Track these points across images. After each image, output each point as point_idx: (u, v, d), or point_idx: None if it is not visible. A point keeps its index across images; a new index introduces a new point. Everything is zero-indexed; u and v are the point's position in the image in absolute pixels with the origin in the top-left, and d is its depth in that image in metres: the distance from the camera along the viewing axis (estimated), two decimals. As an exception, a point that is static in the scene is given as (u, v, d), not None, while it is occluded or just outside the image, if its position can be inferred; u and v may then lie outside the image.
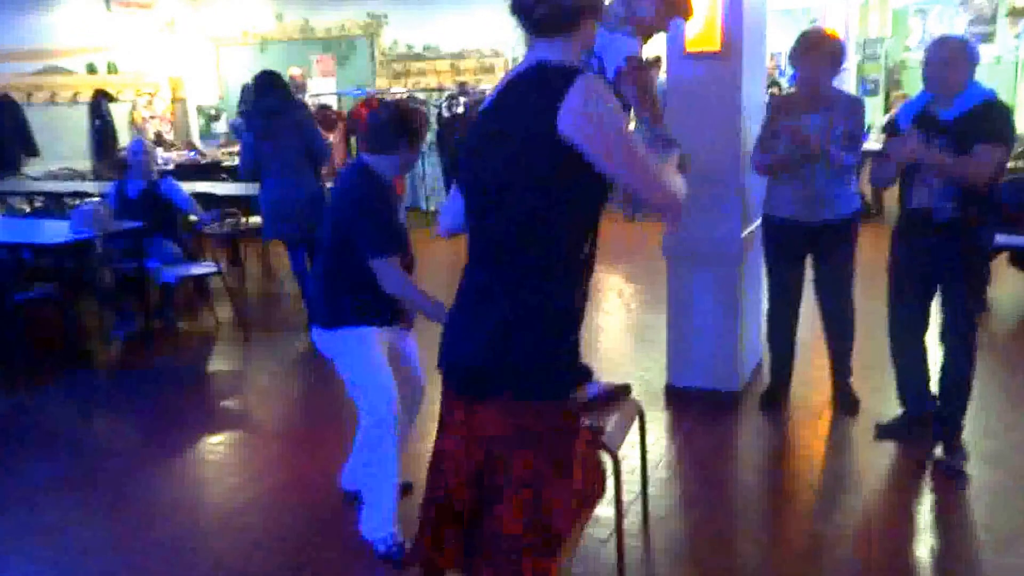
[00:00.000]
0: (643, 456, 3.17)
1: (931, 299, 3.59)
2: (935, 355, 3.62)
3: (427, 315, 3.04)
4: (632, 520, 3.15)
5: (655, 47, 2.92)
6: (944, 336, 3.49)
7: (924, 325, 3.65)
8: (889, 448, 3.70)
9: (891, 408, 3.85)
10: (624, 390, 3.05)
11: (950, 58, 3.29)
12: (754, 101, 4.20)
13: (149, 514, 3.46)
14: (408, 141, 3.08)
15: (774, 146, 3.78)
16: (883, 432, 3.81)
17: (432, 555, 2.10)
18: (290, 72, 10.07)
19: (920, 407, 3.74)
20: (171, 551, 3.17)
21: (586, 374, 3.01)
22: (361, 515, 3.18)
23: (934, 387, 3.66)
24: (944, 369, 3.51)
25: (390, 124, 3.06)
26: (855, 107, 3.79)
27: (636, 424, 3.04)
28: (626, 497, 3.24)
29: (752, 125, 4.06)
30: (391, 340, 3.21)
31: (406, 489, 3.42)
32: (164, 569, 3.06)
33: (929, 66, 3.34)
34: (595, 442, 2.70)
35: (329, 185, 5.70)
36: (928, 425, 3.73)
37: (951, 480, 3.40)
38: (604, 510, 3.21)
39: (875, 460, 3.63)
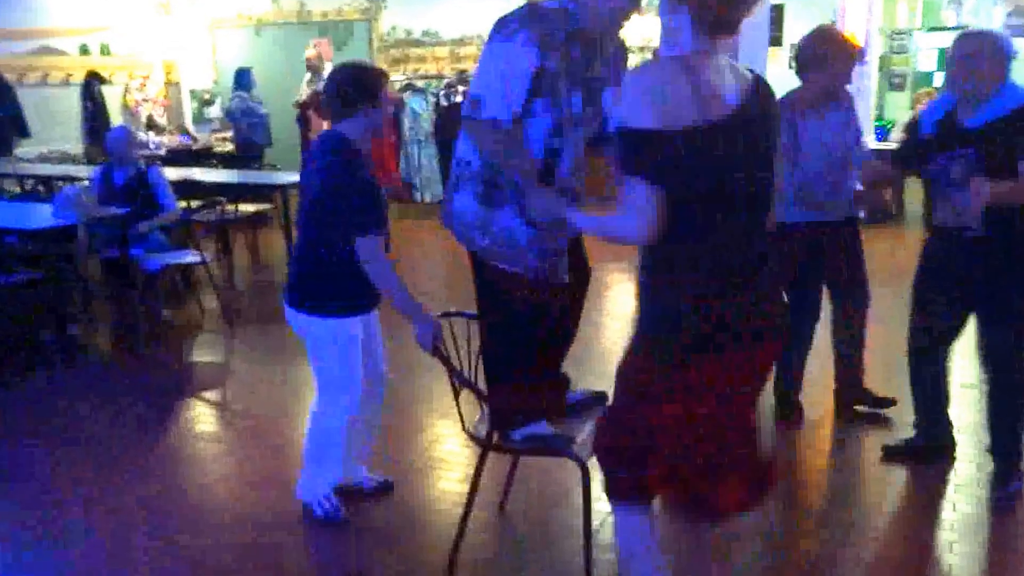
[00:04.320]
0: (620, 466, 3.07)
1: (960, 320, 3.30)
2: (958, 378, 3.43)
3: (399, 308, 2.92)
4: (609, 532, 3.06)
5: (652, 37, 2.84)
6: (985, 363, 3.26)
7: (948, 344, 3.39)
8: (895, 470, 3.52)
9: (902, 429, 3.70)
10: (600, 398, 2.95)
11: (973, 54, 2.91)
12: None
13: (126, 503, 3.41)
14: (365, 98, 2.90)
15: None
16: (891, 453, 3.58)
17: None
18: (306, 54, 9.77)
19: (934, 430, 3.52)
20: (152, 541, 3.13)
21: (564, 383, 2.94)
22: (300, 479, 3.26)
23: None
24: (988, 398, 3.29)
25: (343, 84, 2.92)
26: (853, 102, 3.71)
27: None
28: (605, 507, 3.15)
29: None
30: (365, 325, 3.15)
31: (385, 487, 3.42)
32: (146, 559, 3.03)
33: (950, 64, 2.99)
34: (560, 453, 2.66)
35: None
36: (943, 451, 3.52)
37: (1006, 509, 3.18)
38: (577, 520, 3.13)
39: (878, 480, 3.49)
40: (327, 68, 9.99)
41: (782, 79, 4.31)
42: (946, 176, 3.06)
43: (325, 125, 9.34)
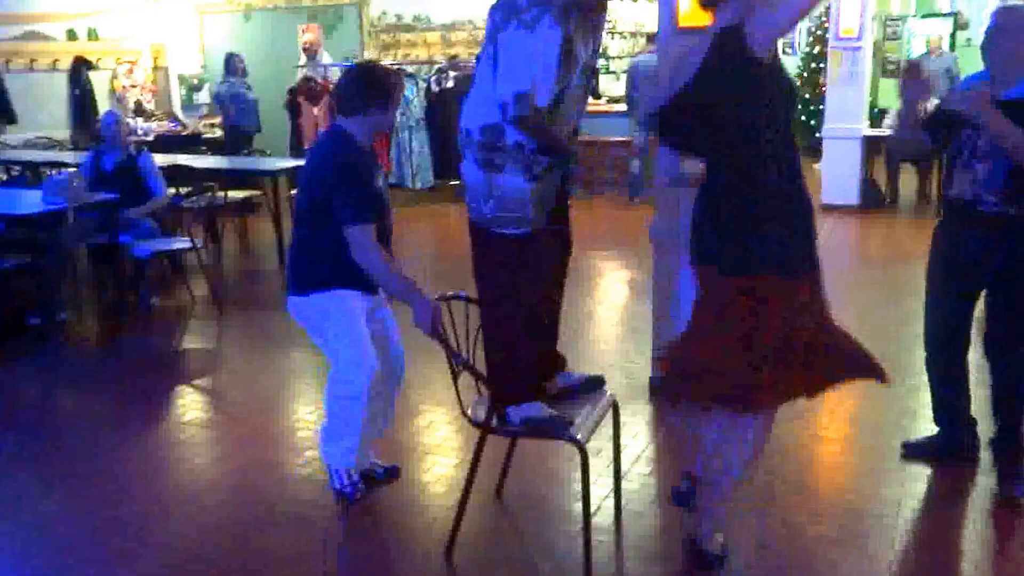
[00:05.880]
0: (616, 450, 3.06)
1: (974, 304, 3.15)
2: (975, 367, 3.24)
3: (395, 294, 2.96)
4: (607, 515, 3.05)
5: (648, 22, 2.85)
6: (992, 347, 3.09)
7: (966, 334, 3.19)
8: (912, 466, 3.38)
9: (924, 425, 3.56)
10: (597, 382, 2.94)
11: (1008, 29, 2.80)
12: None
13: (114, 491, 3.37)
14: (378, 101, 2.97)
15: None
16: (911, 451, 3.39)
17: None
18: (306, 38, 9.57)
19: (957, 427, 3.33)
20: (134, 528, 3.10)
21: (559, 363, 2.93)
22: (322, 436, 3.21)
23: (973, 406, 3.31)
24: (998, 383, 3.11)
25: (358, 84, 2.99)
26: None
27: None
28: (602, 491, 3.15)
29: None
30: (370, 308, 3.14)
31: (391, 473, 3.37)
32: (126, 545, 2.99)
33: (987, 38, 2.86)
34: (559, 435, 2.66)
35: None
36: (964, 448, 3.33)
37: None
38: (574, 504, 3.12)
39: (876, 468, 3.43)
40: (324, 56, 9.91)
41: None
42: (971, 147, 2.96)
43: (315, 111, 9.30)
